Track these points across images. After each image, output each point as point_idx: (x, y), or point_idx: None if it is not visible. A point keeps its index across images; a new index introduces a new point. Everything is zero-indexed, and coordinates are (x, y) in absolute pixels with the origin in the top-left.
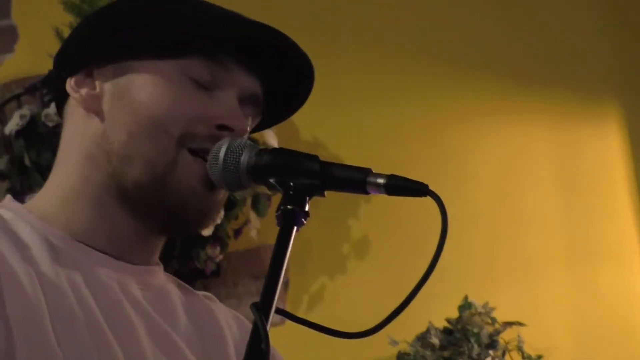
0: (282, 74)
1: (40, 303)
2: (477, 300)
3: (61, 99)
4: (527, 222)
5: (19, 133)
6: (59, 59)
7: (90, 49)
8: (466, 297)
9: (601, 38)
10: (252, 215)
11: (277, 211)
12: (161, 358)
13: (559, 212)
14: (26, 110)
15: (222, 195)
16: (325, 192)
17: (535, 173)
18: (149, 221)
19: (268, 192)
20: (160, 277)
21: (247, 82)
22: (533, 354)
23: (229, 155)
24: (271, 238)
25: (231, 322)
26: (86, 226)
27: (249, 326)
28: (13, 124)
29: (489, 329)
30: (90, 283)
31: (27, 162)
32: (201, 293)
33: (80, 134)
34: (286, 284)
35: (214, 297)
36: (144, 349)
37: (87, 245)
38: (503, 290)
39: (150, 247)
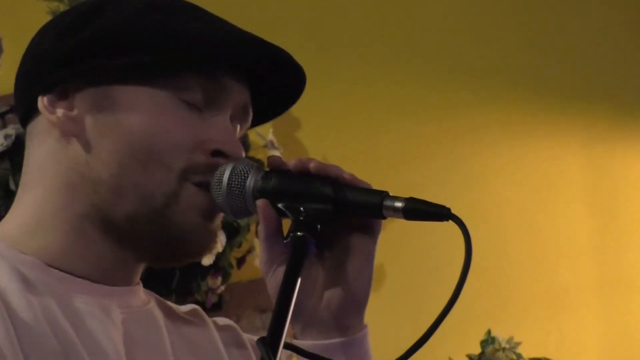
0: (271, 79)
1: (12, 340)
2: (500, 335)
3: (27, 113)
4: (555, 249)
5: (3, 154)
6: (29, 71)
7: (68, 69)
8: (489, 331)
9: (638, 49)
10: (257, 242)
11: (285, 238)
12: None
13: (590, 238)
14: (11, 130)
15: (220, 221)
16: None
17: (565, 196)
18: (139, 252)
19: None
20: (141, 296)
21: (240, 96)
22: None
23: (234, 179)
24: None
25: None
26: (62, 252)
27: (239, 331)
28: None
29: None
30: (68, 313)
31: (12, 185)
32: (187, 307)
33: (56, 159)
34: None
35: (199, 310)
36: None
37: (62, 270)
38: (529, 323)
39: (133, 270)
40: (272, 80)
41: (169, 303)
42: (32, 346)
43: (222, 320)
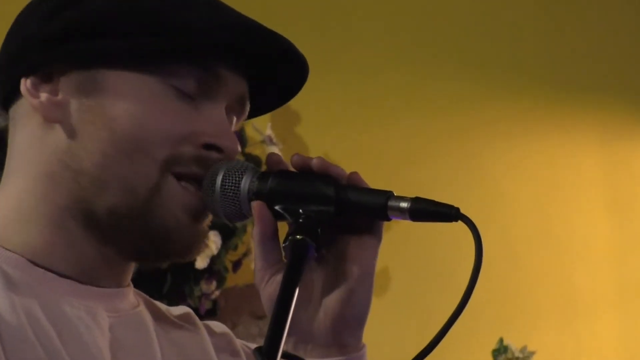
0: (272, 69)
1: None
2: (513, 344)
3: (10, 94)
4: (572, 253)
5: None
6: (12, 51)
7: (54, 50)
8: (501, 340)
9: None
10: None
11: (284, 242)
12: None
13: (608, 240)
14: None
15: (208, 222)
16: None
17: (581, 196)
18: (121, 249)
19: None
20: (131, 299)
21: (236, 86)
22: None
23: (227, 181)
24: None
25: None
26: (46, 249)
27: (232, 337)
28: None
29: None
30: (52, 317)
31: None
32: (178, 310)
33: (37, 145)
34: None
35: (191, 313)
36: None
37: (48, 269)
38: (543, 332)
39: (121, 270)
40: (271, 70)
41: (160, 305)
42: (16, 354)
43: (217, 327)
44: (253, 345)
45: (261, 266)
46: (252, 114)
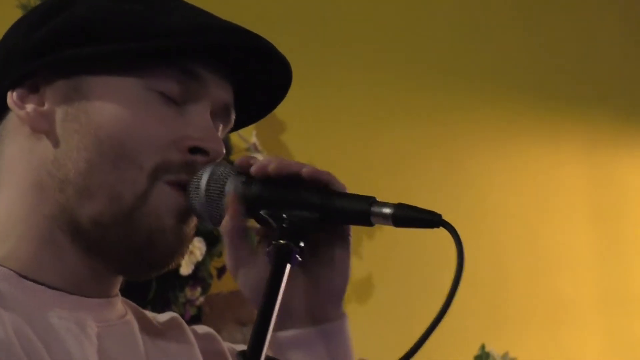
0: (255, 74)
1: None
2: (495, 350)
3: None
4: (555, 260)
5: None
6: None
7: (37, 61)
8: (483, 347)
9: None
10: None
11: (267, 247)
12: None
13: (592, 249)
14: None
15: (193, 226)
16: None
17: (566, 204)
18: (107, 261)
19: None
20: (119, 308)
21: (220, 92)
22: None
23: (212, 185)
24: None
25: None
26: (34, 262)
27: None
28: None
29: None
30: (40, 330)
31: None
32: (165, 317)
33: (26, 157)
34: None
35: (177, 318)
36: None
37: (37, 282)
38: (525, 338)
39: (109, 281)
40: (255, 74)
41: (147, 313)
42: None
43: (201, 329)
44: (239, 347)
45: (233, 264)
46: (239, 125)
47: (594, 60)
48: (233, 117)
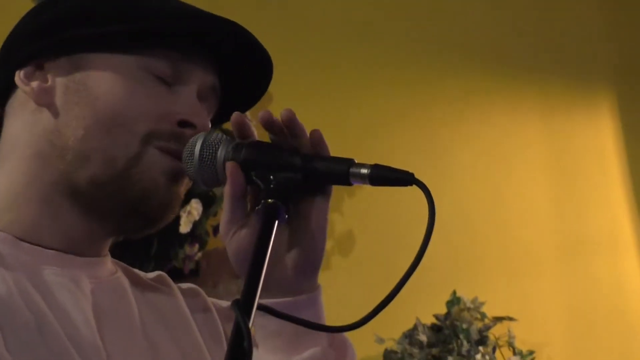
0: (239, 67)
1: None
2: (465, 295)
3: (6, 91)
4: (517, 213)
5: None
6: (7, 50)
7: (42, 41)
8: (454, 292)
9: (594, 22)
10: None
11: (257, 205)
12: (121, 351)
13: (550, 202)
14: None
15: (184, 187)
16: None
17: (525, 163)
18: (104, 221)
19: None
20: (109, 266)
21: (206, 77)
22: (524, 349)
23: (205, 150)
24: None
25: (187, 297)
26: (32, 225)
27: (203, 294)
28: None
29: (478, 325)
30: (38, 284)
31: None
32: (152, 274)
33: (29, 130)
34: None
35: (164, 276)
36: (99, 345)
37: (33, 243)
38: (492, 284)
39: (102, 242)
40: (239, 69)
41: (136, 271)
42: (6, 319)
43: (186, 286)
44: (223, 303)
45: (228, 219)
46: (225, 118)
47: (551, 31)
48: (217, 101)
